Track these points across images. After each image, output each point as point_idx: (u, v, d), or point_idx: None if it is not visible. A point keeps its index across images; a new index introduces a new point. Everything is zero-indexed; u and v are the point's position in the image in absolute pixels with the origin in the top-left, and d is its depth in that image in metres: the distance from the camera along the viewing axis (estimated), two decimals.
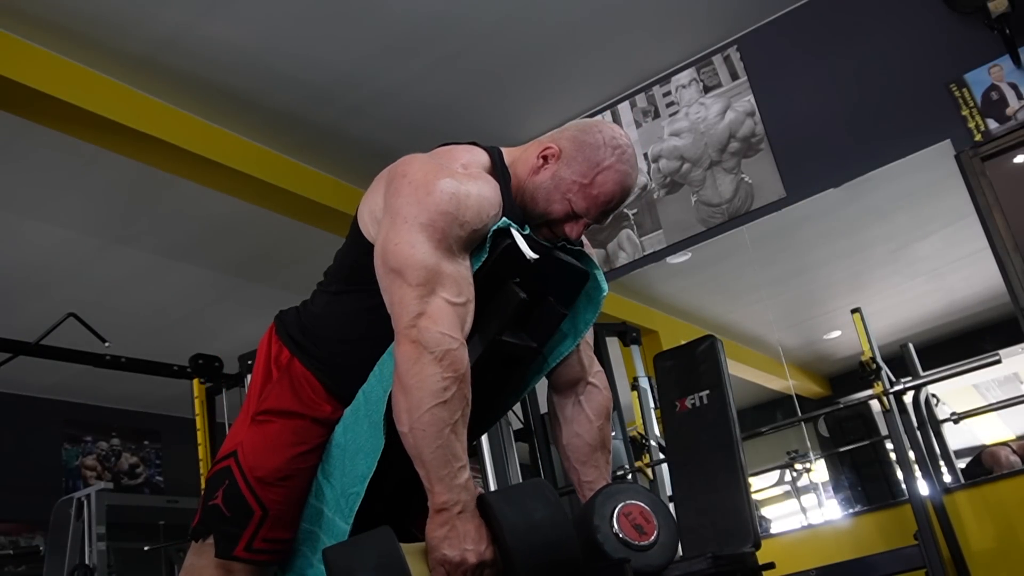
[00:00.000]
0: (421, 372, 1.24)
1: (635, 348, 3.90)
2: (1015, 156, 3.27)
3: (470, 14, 3.51)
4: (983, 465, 3.28)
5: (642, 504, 1.30)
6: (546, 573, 1.15)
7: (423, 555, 1.21)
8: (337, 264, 1.59)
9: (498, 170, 1.48)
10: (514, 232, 1.40)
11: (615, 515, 1.27)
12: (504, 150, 1.54)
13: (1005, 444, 3.33)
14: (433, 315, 1.29)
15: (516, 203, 1.47)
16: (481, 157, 1.49)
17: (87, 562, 3.90)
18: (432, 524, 1.21)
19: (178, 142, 3.68)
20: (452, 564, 1.18)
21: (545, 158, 1.48)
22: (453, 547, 1.18)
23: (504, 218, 1.41)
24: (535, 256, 1.39)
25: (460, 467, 1.23)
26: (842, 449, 3.81)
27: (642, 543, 1.26)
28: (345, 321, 1.49)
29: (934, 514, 2.74)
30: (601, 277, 1.58)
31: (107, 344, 3.21)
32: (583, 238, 1.64)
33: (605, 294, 1.59)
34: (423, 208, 1.34)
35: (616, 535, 1.25)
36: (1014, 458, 3.24)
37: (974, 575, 2.74)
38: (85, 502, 4.08)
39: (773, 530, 3.71)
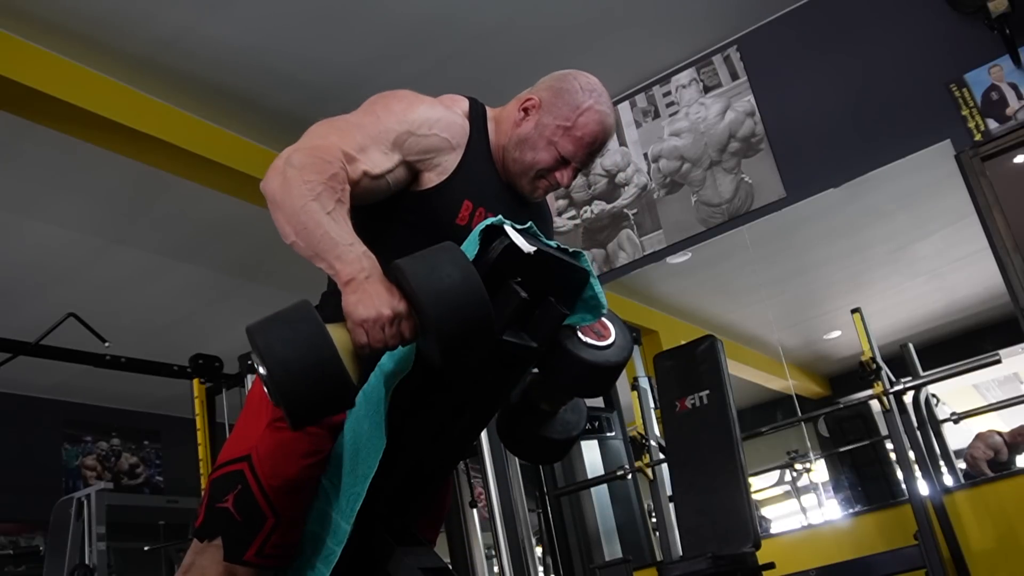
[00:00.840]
0: (285, 184, 1.28)
1: (635, 348, 3.90)
2: (1015, 156, 3.28)
3: (470, 14, 3.52)
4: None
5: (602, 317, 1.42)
6: (458, 322, 1.19)
7: (343, 327, 1.24)
8: None
9: (476, 116, 1.54)
10: (508, 228, 1.39)
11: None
12: (488, 108, 1.60)
13: (996, 431, 3.32)
14: (309, 146, 1.34)
15: (494, 156, 1.53)
16: (461, 101, 1.57)
17: (87, 562, 3.90)
18: (345, 297, 1.23)
19: (178, 142, 3.68)
20: (369, 321, 1.21)
21: (526, 110, 1.55)
22: (367, 307, 1.21)
23: (499, 216, 1.41)
24: (532, 248, 1.39)
25: (351, 243, 1.25)
26: (842, 449, 3.81)
27: (600, 343, 1.38)
28: None
29: (934, 514, 2.75)
30: (599, 289, 1.57)
31: (107, 344, 3.21)
32: (547, 199, 1.69)
33: (604, 311, 1.58)
34: (373, 104, 1.42)
35: (578, 337, 1.37)
36: (997, 438, 3.23)
37: (974, 575, 2.74)
38: (85, 502, 4.08)
39: (773, 530, 3.72)
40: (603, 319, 1.43)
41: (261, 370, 1.20)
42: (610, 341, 1.40)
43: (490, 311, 1.19)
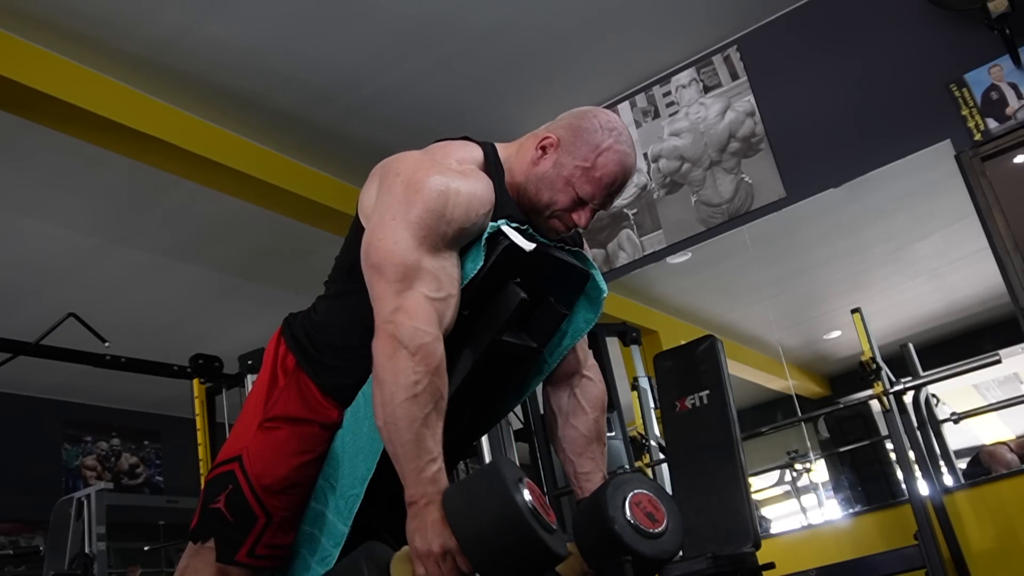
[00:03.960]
0: (395, 367, 1.26)
1: (635, 348, 3.90)
2: (1015, 156, 3.27)
3: (470, 15, 3.51)
4: (982, 465, 3.29)
5: (649, 493, 1.34)
6: (499, 562, 1.16)
7: (408, 560, 1.25)
8: (337, 265, 1.58)
9: (492, 165, 1.49)
10: (507, 229, 1.39)
11: (627, 504, 1.30)
12: (498, 145, 1.55)
13: (1003, 443, 3.33)
14: (409, 309, 1.30)
15: (512, 198, 1.48)
16: (475, 153, 1.50)
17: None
18: (408, 518, 1.24)
19: (178, 142, 3.68)
20: (422, 554, 1.21)
21: (544, 148, 1.49)
22: (422, 539, 1.21)
23: (495, 221, 1.40)
24: (532, 245, 1.39)
25: (429, 460, 1.24)
26: (842, 449, 3.81)
27: (655, 530, 1.29)
28: (347, 324, 1.48)
29: (934, 514, 2.74)
30: (600, 278, 1.59)
31: (107, 344, 3.21)
32: (583, 239, 1.65)
33: (605, 295, 1.59)
34: (411, 205, 1.35)
35: (631, 523, 1.28)
36: (1012, 456, 3.24)
37: (974, 575, 2.74)
38: (85, 502, 4.08)
39: (773, 530, 3.71)
40: (654, 497, 1.34)
41: None
42: (663, 527, 1.31)
43: (540, 545, 1.14)
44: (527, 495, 1.16)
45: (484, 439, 3.13)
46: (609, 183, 1.47)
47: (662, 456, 3.43)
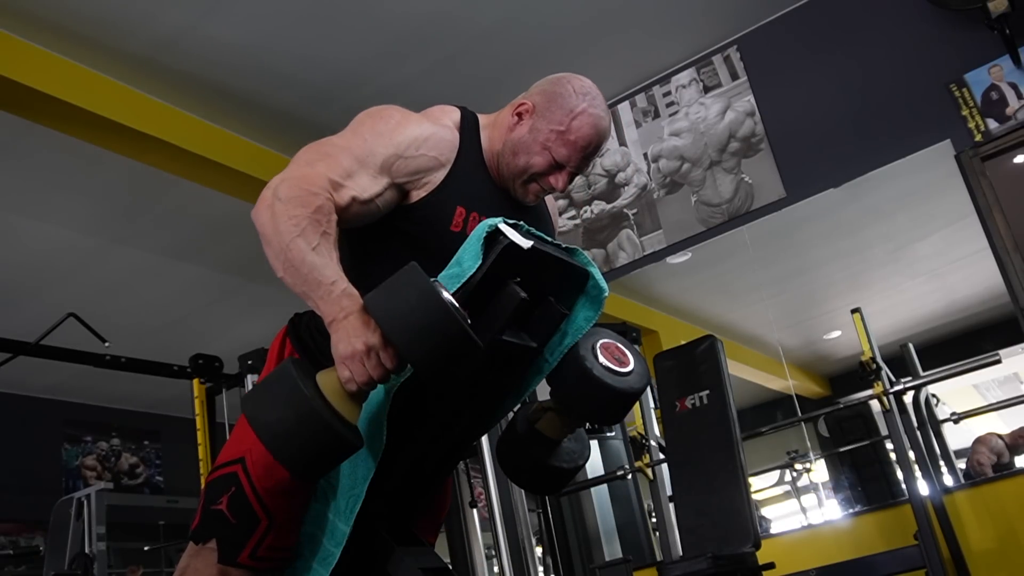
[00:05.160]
0: (273, 219, 1.30)
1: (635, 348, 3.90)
2: (1015, 156, 3.28)
3: (470, 15, 3.52)
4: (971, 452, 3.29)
5: (616, 341, 1.45)
6: (426, 345, 1.19)
7: (334, 369, 1.27)
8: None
9: (467, 129, 1.54)
10: (504, 227, 1.39)
11: (597, 348, 1.42)
12: (480, 116, 1.60)
13: (996, 434, 3.33)
14: (296, 176, 1.34)
15: (486, 165, 1.53)
16: (452, 112, 1.56)
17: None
18: (331, 337, 1.26)
19: (178, 142, 3.68)
20: (347, 356, 1.23)
21: (520, 115, 1.55)
22: (344, 343, 1.23)
23: (494, 218, 1.40)
24: (529, 243, 1.39)
25: (333, 282, 1.28)
26: (842, 449, 3.81)
27: (623, 370, 1.41)
28: None
29: (934, 514, 2.75)
30: (600, 276, 1.58)
31: (107, 344, 3.21)
32: (547, 201, 1.69)
33: (606, 294, 1.59)
34: (360, 125, 1.43)
35: (600, 363, 1.39)
36: (999, 442, 3.24)
37: (974, 575, 2.74)
38: (85, 502, 4.07)
39: (773, 530, 3.72)
40: (620, 345, 1.44)
41: None
42: (631, 368, 1.42)
43: (457, 325, 1.18)
44: (445, 292, 1.20)
45: (484, 439, 3.13)
46: (584, 146, 1.52)
47: (662, 456, 3.43)
